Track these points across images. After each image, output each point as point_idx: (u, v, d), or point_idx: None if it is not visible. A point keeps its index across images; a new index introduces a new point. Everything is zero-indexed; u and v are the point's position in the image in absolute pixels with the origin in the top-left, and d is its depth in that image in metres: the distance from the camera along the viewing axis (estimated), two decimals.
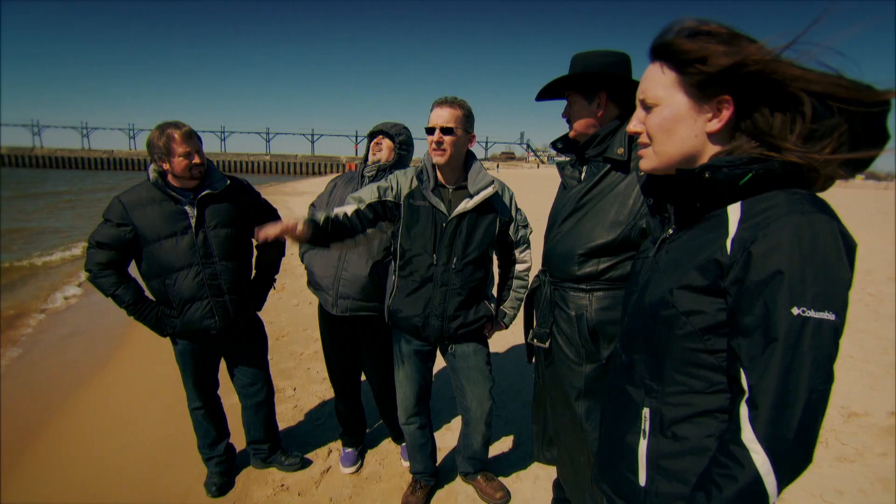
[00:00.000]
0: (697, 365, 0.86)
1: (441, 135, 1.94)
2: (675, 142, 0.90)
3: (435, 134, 1.95)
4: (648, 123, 0.93)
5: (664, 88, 0.89)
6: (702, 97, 0.86)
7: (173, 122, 2.12)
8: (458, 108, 1.97)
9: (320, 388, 3.69)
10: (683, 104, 0.88)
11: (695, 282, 0.83)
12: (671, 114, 0.89)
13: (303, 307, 5.61)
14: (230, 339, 2.38)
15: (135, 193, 2.18)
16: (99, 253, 2.16)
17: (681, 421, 0.88)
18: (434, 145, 1.96)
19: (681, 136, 0.89)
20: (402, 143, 2.42)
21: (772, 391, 0.73)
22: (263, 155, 77.90)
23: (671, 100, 0.89)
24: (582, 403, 1.80)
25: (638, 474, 0.92)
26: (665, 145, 0.91)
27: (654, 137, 0.93)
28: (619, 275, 1.74)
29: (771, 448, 0.72)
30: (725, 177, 0.82)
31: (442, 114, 1.95)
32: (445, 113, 1.95)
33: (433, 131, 1.96)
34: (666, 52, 0.88)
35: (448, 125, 1.94)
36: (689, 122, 0.88)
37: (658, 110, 0.91)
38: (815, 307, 0.72)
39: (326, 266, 2.40)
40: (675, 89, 0.88)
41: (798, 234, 0.74)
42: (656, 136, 0.92)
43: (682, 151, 0.90)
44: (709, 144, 0.89)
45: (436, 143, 1.95)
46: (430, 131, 1.97)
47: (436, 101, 2.00)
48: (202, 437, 2.53)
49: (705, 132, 0.88)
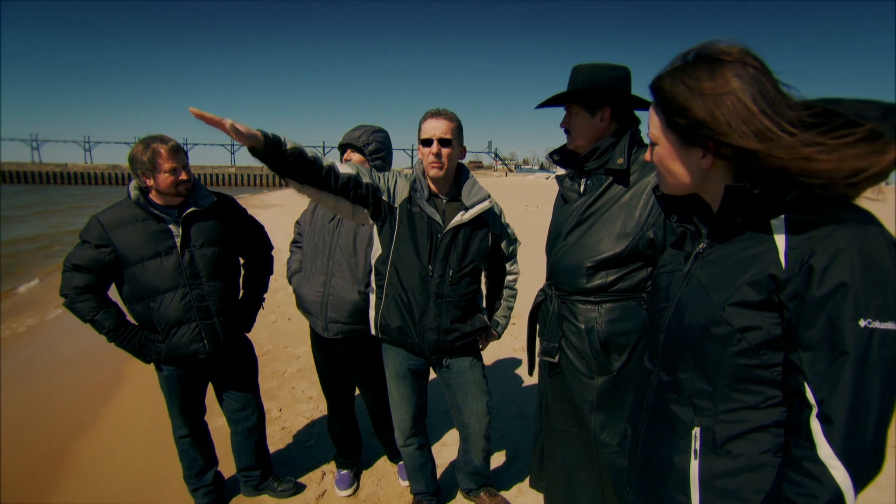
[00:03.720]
0: (752, 380, 0.84)
1: (439, 147, 1.90)
2: (675, 176, 0.95)
3: (433, 146, 1.90)
4: (653, 158, 0.98)
5: (657, 129, 0.94)
6: (685, 142, 0.90)
7: (158, 137, 2.01)
8: (452, 119, 1.94)
9: (307, 407, 3.57)
10: (671, 146, 0.92)
11: (749, 297, 0.82)
12: (665, 153, 0.94)
13: (281, 324, 5.44)
14: (219, 362, 2.27)
15: (114, 212, 2.06)
16: (76, 276, 2.02)
17: (735, 438, 0.86)
18: (432, 157, 1.90)
19: (678, 171, 0.94)
20: (373, 154, 2.28)
21: (846, 405, 0.72)
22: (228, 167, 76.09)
23: (663, 140, 0.94)
24: (596, 416, 1.78)
25: (690, 495, 0.90)
26: (668, 178, 0.97)
27: (659, 170, 0.98)
28: (628, 286, 1.74)
29: (850, 462, 0.72)
30: (773, 192, 0.82)
31: (439, 125, 1.90)
32: (442, 125, 1.90)
33: (430, 143, 1.90)
34: (654, 94, 0.93)
35: (446, 136, 1.90)
36: (680, 160, 0.92)
37: (657, 149, 0.96)
38: (879, 318, 0.72)
39: (312, 291, 2.32)
40: (664, 131, 0.93)
41: (857, 247, 0.74)
42: (660, 169, 0.98)
43: (682, 184, 0.95)
44: (711, 175, 0.91)
45: (434, 155, 1.90)
46: (426, 143, 1.91)
47: (429, 113, 1.95)
48: (188, 466, 2.39)
49: (700, 169, 0.90)
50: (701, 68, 0.84)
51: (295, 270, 2.51)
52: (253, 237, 2.40)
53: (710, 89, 0.82)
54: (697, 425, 0.90)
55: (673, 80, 0.86)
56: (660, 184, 1.00)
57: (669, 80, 0.87)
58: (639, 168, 1.72)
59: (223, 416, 2.47)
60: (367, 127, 2.31)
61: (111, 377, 4.13)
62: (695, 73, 0.84)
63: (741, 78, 0.81)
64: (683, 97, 0.84)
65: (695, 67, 0.85)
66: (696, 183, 0.93)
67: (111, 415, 3.55)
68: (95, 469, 2.87)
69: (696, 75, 0.84)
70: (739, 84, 0.80)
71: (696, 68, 0.84)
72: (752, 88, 0.80)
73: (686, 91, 0.84)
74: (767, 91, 0.80)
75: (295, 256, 2.57)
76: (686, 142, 0.89)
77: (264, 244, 2.44)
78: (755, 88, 0.80)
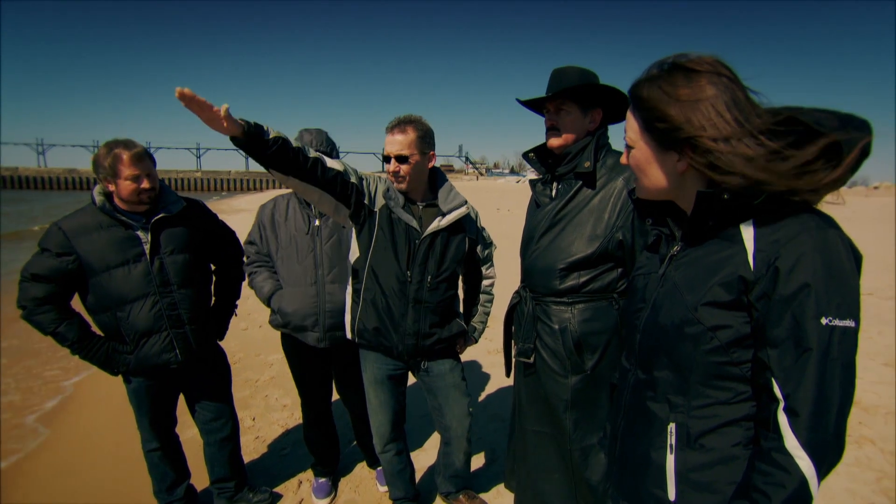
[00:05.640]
0: (723, 377, 0.88)
1: (397, 164, 1.90)
2: (650, 180, 0.98)
3: (391, 164, 1.91)
4: (629, 161, 1.01)
5: (634, 133, 0.98)
6: (662, 146, 0.93)
7: (123, 141, 1.95)
8: (412, 130, 1.91)
9: (281, 416, 3.51)
10: (649, 149, 0.95)
11: (720, 297, 0.86)
12: (642, 156, 0.97)
13: (252, 331, 5.33)
14: (190, 372, 2.21)
15: (77, 219, 1.98)
16: (35, 287, 1.93)
17: (708, 432, 0.90)
18: (391, 175, 1.93)
19: (654, 175, 0.97)
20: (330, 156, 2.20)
21: (811, 398, 0.77)
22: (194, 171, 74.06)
23: (639, 144, 0.97)
24: (570, 415, 1.82)
25: (667, 489, 0.93)
26: (644, 181, 1.00)
27: (635, 174, 1.01)
28: (599, 287, 1.78)
29: (814, 452, 0.76)
30: (742, 198, 0.86)
31: (394, 140, 1.90)
32: (398, 139, 1.90)
33: (389, 160, 1.92)
34: (632, 99, 0.96)
35: (402, 153, 1.89)
36: (657, 164, 0.95)
37: (634, 152, 0.99)
38: (839, 316, 0.77)
39: (305, 304, 2.26)
40: (640, 135, 0.96)
41: (818, 250, 0.79)
42: (636, 173, 1.00)
43: (658, 187, 0.98)
44: (686, 179, 0.94)
45: (392, 172, 1.92)
46: (386, 160, 1.93)
47: (388, 127, 1.93)
48: (159, 480, 2.32)
49: (676, 172, 0.94)
50: (678, 76, 0.88)
51: (273, 289, 2.34)
52: (224, 243, 2.35)
53: (686, 96, 0.86)
54: (673, 421, 0.94)
55: (651, 87, 0.90)
56: (636, 187, 1.03)
57: (647, 87, 0.91)
58: (607, 172, 1.77)
59: (193, 426, 2.40)
60: (313, 130, 2.25)
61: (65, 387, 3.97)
62: (672, 80, 0.88)
63: (716, 86, 0.85)
64: (662, 103, 0.88)
65: (672, 75, 0.89)
66: (672, 186, 0.96)
67: (69, 428, 3.40)
68: (54, 488, 2.74)
69: (673, 82, 0.88)
70: (714, 91, 0.85)
71: (673, 76, 0.88)
72: (726, 96, 0.84)
73: (664, 97, 0.87)
74: (739, 99, 0.85)
75: (262, 276, 2.37)
76: (663, 146, 0.92)
77: (236, 250, 2.39)
78: (728, 96, 0.84)
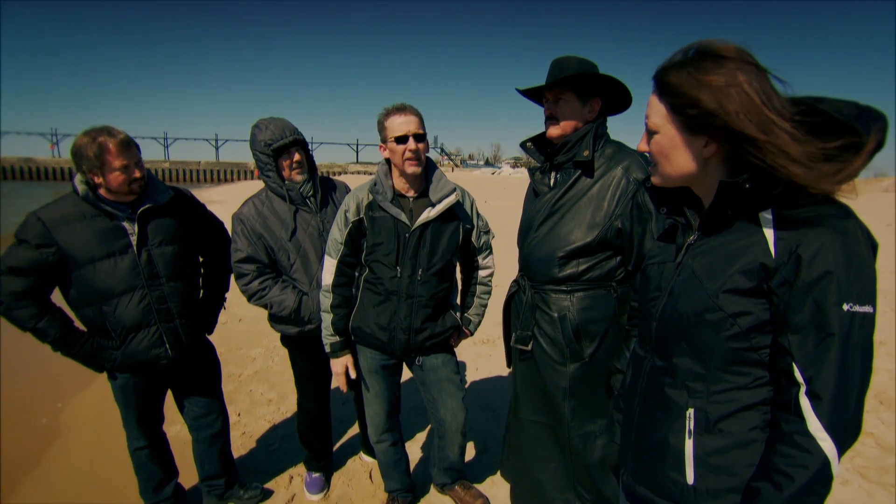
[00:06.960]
0: (742, 362, 0.90)
1: (416, 143, 1.85)
2: (674, 166, 0.97)
3: (409, 142, 1.83)
4: (651, 147, 0.99)
5: (660, 118, 0.96)
6: (690, 131, 0.92)
7: (105, 129, 1.84)
8: (419, 113, 1.90)
9: (267, 410, 3.45)
10: (676, 134, 0.94)
11: (741, 285, 0.87)
12: (667, 141, 0.96)
13: (232, 325, 5.22)
14: (179, 367, 2.14)
15: (57, 209, 1.88)
16: (12, 280, 1.82)
17: (726, 417, 0.92)
18: (410, 154, 1.84)
19: (678, 161, 0.96)
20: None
21: (833, 382, 0.79)
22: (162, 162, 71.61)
23: (665, 129, 0.95)
24: (568, 403, 1.84)
25: (685, 473, 0.95)
26: (665, 168, 0.99)
27: (656, 160, 1.00)
28: (598, 275, 1.80)
29: (836, 434, 0.79)
30: (762, 186, 0.87)
31: (411, 120, 1.86)
32: (414, 119, 1.86)
33: (405, 140, 1.83)
34: (659, 85, 0.95)
35: (420, 132, 1.86)
36: (683, 149, 0.95)
37: (657, 137, 0.97)
38: (859, 302, 0.80)
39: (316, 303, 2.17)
40: (667, 120, 0.94)
41: (839, 238, 0.81)
42: (657, 159, 0.99)
43: (681, 174, 0.97)
44: (709, 166, 0.94)
45: (412, 151, 1.85)
46: (401, 140, 1.84)
47: (395, 109, 1.88)
48: (146, 480, 2.25)
49: (702, 157, 0.94)
50: (707, 62, 0.88)
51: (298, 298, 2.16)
52: (213, 234, 2.28)
53: (717, 82, 0.86)
54: (691, 406, 0.95)
55: (679, 72, 0.90)
56: (654, 175, 1.02)
57: (676, 73, 0.90)
58: (605, 161, 1.78)
59: (180, 422, 2.33)
60: (271, 122, 2.12)
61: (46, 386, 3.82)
62: (702, 66, 0.88)
63: (745, 72, 0.86)
64: (693, 89, 0.87)
65: (701, 61, 0.88)
66: (698, 171, 0.95)
67: (49, 431, 3.28)
68: (36, 496, 2.64)
69: (703, 68, 0.87)
70: (744, 77, 0.85)
71: (702, 62, 0.88)
72: (755, 83, 0.85)
73: (695, 83, 0.87)
74: (766, 86, 0.86)
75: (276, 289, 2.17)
76: (691, 130, 0.92)
77: (224, 241, 2.32)
78: (757, 83, 0.85)
